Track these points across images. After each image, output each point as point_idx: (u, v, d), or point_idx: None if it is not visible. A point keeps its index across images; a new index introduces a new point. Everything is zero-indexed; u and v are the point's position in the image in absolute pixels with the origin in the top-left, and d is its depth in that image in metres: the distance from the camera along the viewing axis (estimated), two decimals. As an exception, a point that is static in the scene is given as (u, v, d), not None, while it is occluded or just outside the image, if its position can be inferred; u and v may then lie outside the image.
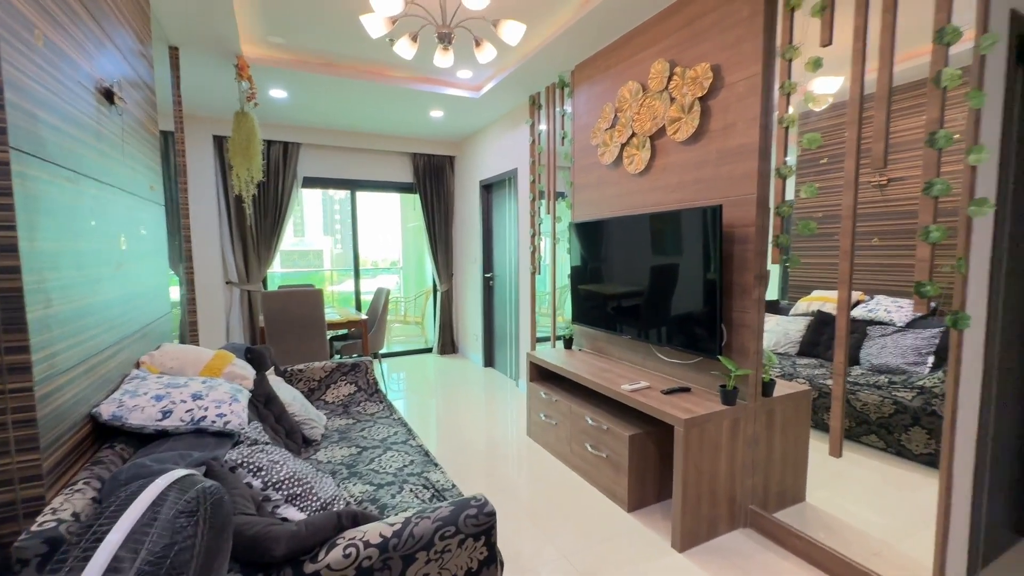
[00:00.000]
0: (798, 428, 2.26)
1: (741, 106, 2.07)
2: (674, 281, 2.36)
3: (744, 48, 2.05)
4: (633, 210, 2.73)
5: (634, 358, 2.79)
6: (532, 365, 3.21)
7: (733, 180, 2.13)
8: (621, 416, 2.51)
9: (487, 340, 5.12)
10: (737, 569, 1.91)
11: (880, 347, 3.22)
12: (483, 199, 5.01)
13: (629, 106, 2.67)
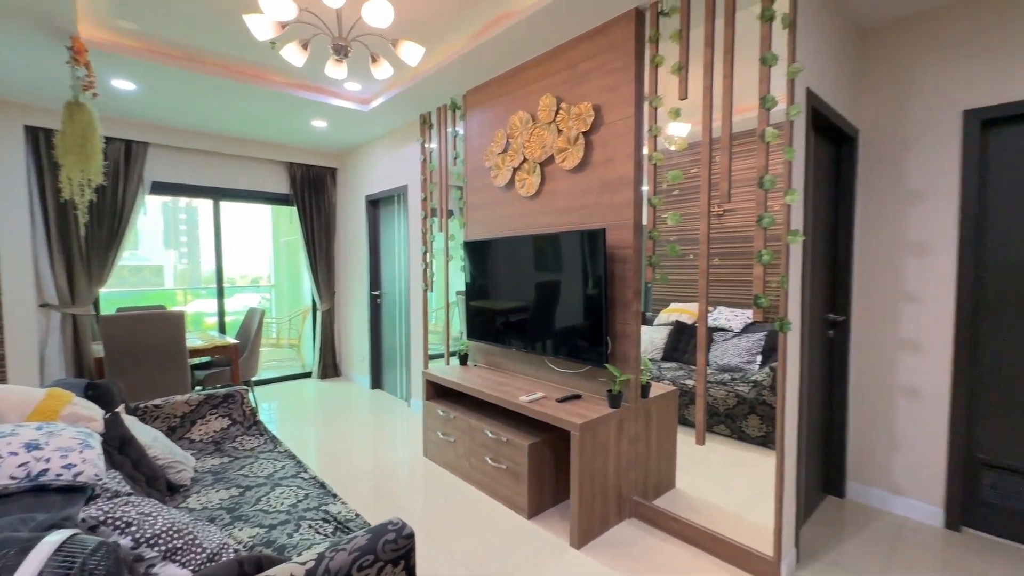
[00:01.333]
0: (669, 424, 2.59)
1: (619, 142, 2.36)
2: (564, 297, 2.56)
3: (620, 93, 2.35)
4: (526, 230, 2.91)
5: (528, 370, 2.94)
6: (428, 383, 3.18)
7: (614, 207, 2.40)
8: (519, 427, 2.62)
9: (375, 361, 4.92)
10: (627, 556, 2.11)
11: (723, 350, 3.84)
12: (370, 215, 4.85)
13: (520, 133, 2.86)
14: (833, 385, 2.61)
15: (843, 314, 2.55)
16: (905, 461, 2.44)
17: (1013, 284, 2.18)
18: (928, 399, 2.36)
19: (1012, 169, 2.16)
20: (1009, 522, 2.21)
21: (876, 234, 2.50)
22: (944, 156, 2.29)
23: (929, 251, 2.34)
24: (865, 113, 2.52)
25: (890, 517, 2.44)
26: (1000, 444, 2.22)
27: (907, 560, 2.09)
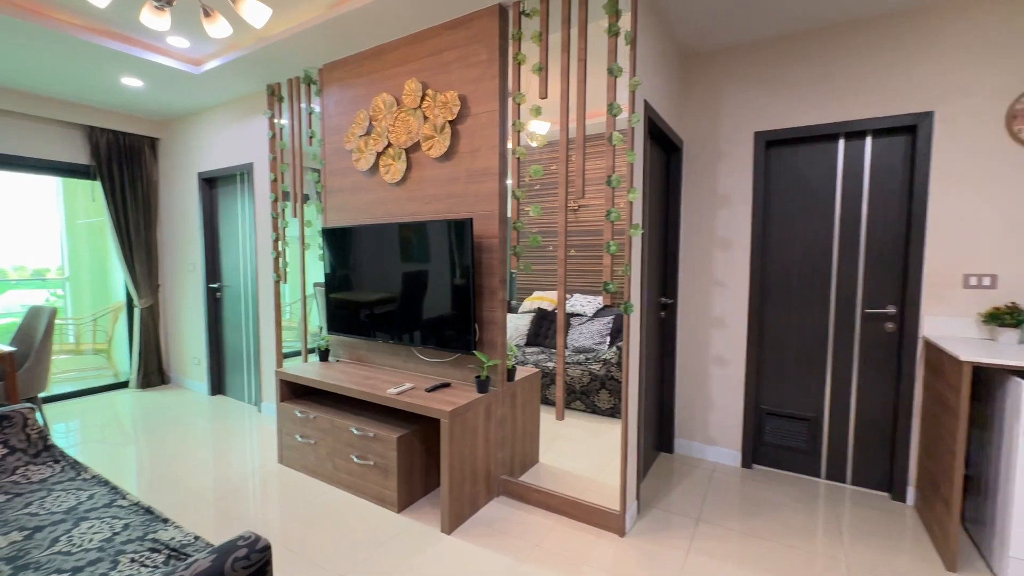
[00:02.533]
0: (532, 404, 2.77)
1: (484, 134, 2.42)
2: (432, 286, 2.55)
3: (485, 86, 2.40)
4: (392, 218, 2.81)
5: (396, 362, 2.87)
6: (283, 383, 2.90)
7: (480, 197, 2.46)
8: (387, 421, 2.55)
9: (215, 363, 4.31)
10: (497, 533, 2.21)
11: (579, 333, 4.22)
12: (205, 195, 4.21)
13: (384, 117, 2.74)
14: (664, 358, 3.05)
15: (672, 297, 2.99)
16: (716, 417, 2.98)
17: (783, 272, 2.79)
18: (731, 365, 2.91)
19: (784, 181, 2.76)
20: (783, 456, 2.85)
21: (696, 230, 2.98)
22: (743, 168, 2.82)
23: (732, 246, 2.88)
24: (687, 127, 2.97)
25: (706, 464, 2.96)
26: (776, 396, 2.85)
27: (717, 495, 2.57)
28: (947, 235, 2.35)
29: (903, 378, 2.46)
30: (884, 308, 2.55)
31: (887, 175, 2.52)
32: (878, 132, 2.52)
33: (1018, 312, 2.14)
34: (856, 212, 2.60)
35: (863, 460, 2.64)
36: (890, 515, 2.38)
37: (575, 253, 4.51)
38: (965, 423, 1.89)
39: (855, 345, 2.63)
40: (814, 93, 2.61)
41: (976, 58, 2.26)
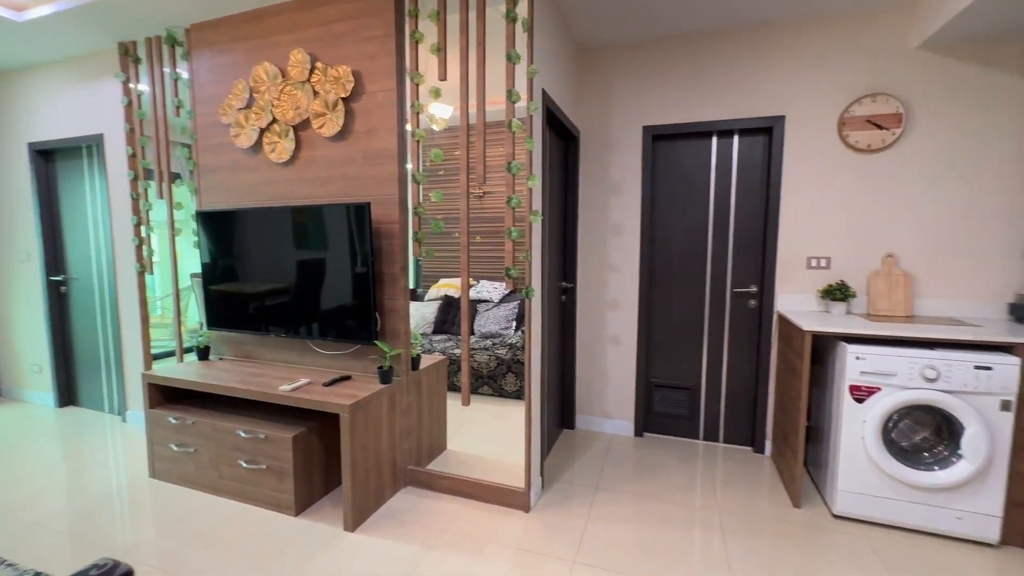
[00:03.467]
0: (439, 391, 2.75)
1: (382, 114, 2.31)
2: (328, 275, 2.40)
3: (381, 63, 2.28)
4: (280, 201, 2.58)
5: (290, 357, 2.67)
6: (152, 388, 2.56)
7: (379, 180, 2.35)
8: (280, 420, 2.37)
9: (62, 370, 3.67)
10: (405, 523, 2.18)
11: (486, 319, 4.27)
12: (40, 171, 3.52)
13: (268, 89, 2.50)
14: (566, 340, 3.20)
15: (571, 282, 3.14)
16: (612, 392, 3.21)
17: (667, 257, 3.06)
18: (625, 344, 3.14)
19: (667, 173, 3.01)
20: (669, 423, 3.16)
21: (591, 217, 3.14)
22: (633, 159, 3.02)
23: (624, 232, 3.08)
24: (583, 118, 3.10)
25: (604, 436, 3.18)
26: (663, 370, 3.14)
27: (614, 464, 2.77)
28: (795, 224, 2.74)
29: (762, 347, 2.84)
30: (748, 287, 2.92)
31: (751, 171, 2.86)
32: (743, 132, 2.84)
33: (846, 288, 2.57)
34: (727, 203, 2.92)
35: (732, 421, 3.01)
36: (752, 466, 2.76)
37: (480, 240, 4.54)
38: (807, 382, 2.24)
39: (726, 321, 2.98)
40: (693, 93, 2.86)
41: (816, 70, 2.64)
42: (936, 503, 2.05)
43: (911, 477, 2.05)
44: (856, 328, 2.16)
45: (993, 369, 1.93)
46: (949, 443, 2.06)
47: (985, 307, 2.45)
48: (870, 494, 2.14)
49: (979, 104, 2.40)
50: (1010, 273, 2.42)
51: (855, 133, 2.58)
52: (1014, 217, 2.39)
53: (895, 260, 2.58)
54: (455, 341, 4.15)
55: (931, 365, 2.00)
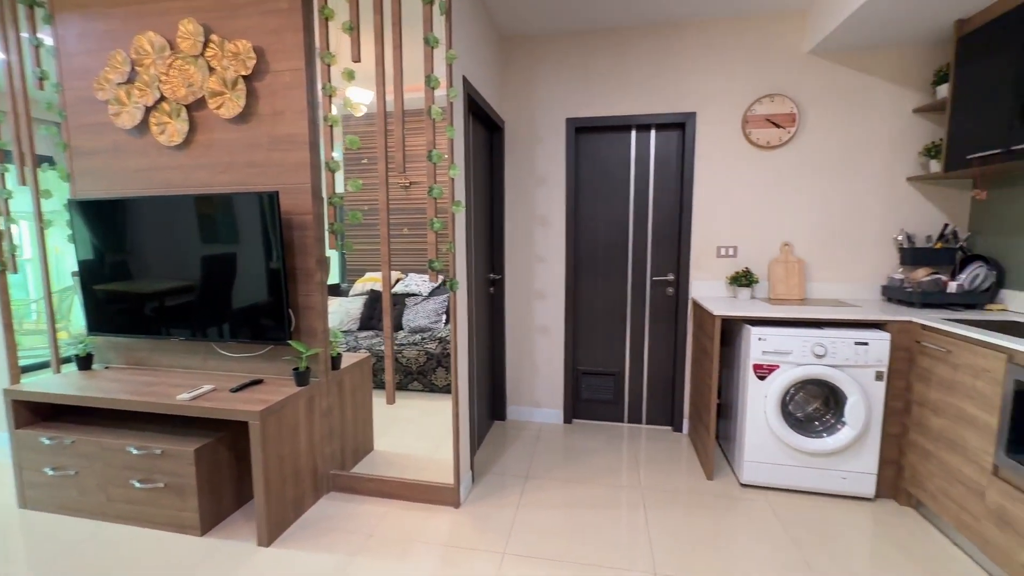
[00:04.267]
0: (363, 390, 2.63)
1: (289, 96, 2.13)
2: (234, 271, 2.20)
3: (287, 39, 2.10)
4: (174, 189, 2.32)
5: (192, 362, 2.42)
6: (19, 406, 2.21)
7: (288, 168, 2.18)
8: (180, 432, 2.15)
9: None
10: (327, 532, 2.07)
11: (415, 313, 4.15)
12: None
13: (153, 62, 2.22)
14: (495, 331, 3.19)
15: (499, 273, 3.13)
16: (542, 382, 3.25)
17: (591, 247, 3.14)
18: (552, 333, 3.19)
19: (590, 165, 3.08)
20: (596, 409, 3.26)
21: (519, 208, 3.14)
22: (557, 151, 3.05)
23: (550, 223, 3.11)
24: (508, 109, 3.08)
25: (534, 426, 3.22)
26: (589, 357, 3.23)
27: (543, 452, 2.82)
28: (706, 215, 2.91)
29: (679, 332, 3.01)
30: (666, 276, 3.07)
31: (667, 164, 2.99)
32: (660, 126, 2.96)
33: (750, 275, 2.78)
34: (646, 195, 3.04)
35: (654, 403, 3.17)
36: (672, 444, 2.92)
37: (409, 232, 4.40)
38: (717, 363, 2.40)
39: (646, 308, 3.11)
40: (614, 87, 2.93)
41: (723, 70, 2.80)
42: (825, 466, 2.29)
43: (805, 445, 2.27)
44: (759, 312, 2.34)
45: (869, 344, 2.17)
46: (835, 412, 2.30)
47: (863, 289, 2.76)
48: (772, 462, 2.34)
49: (859, 107, 2.68)
50: (883, 259, 2.74)
51: (756, 131, 2.78)
52: (887, 210, 2.71)
53: (791, 248, 2.83)
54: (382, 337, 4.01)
55: (820, 343, 2.21)
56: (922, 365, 2.11)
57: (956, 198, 2.62)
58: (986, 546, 1.74)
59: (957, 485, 1.89)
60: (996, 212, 2.43)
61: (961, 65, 2.26)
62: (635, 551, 1.94)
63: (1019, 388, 1.63)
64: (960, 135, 2.27)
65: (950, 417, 1.93)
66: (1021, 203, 2.29)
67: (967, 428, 1.84)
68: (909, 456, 2.18)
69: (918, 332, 2.14)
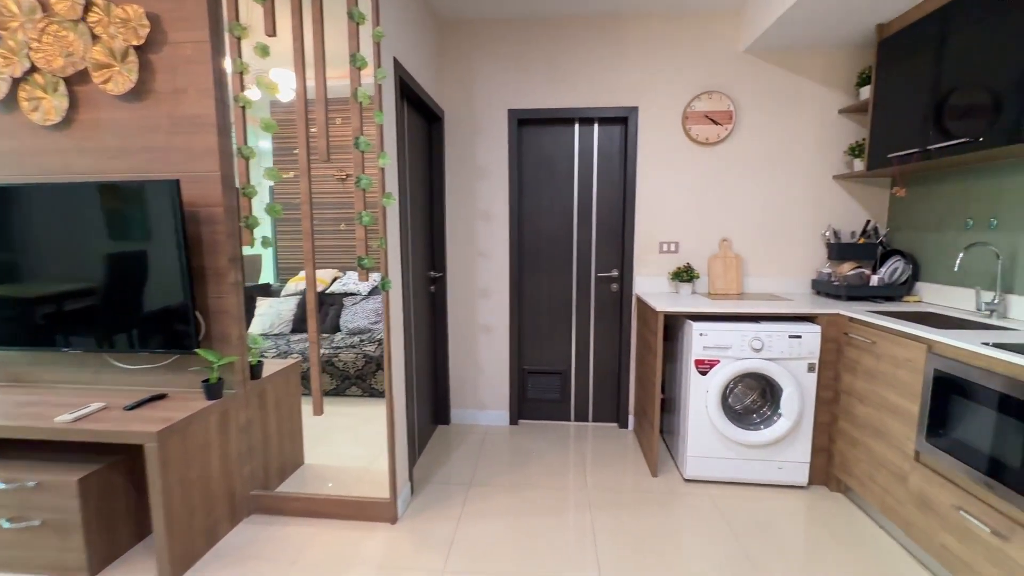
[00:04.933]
0: (291, 400, 2.41)
1: (192, 72, 1.88)
2: (130, 271, 1.91)
3: (187, 6, 1.84)
4: (52, 176, 1.99)
5: (82, 377, 2.10)
6: None
7: (193, 154, 1.92)
8: (63, 460, 1.85)
9: None
10: (246, 560, 1.85)
11: (353, 313, 3.91)
12: None
13: (21, 26, 1.88)
14: (437, 331, 3.04)
15: (441, 270, 2.98)
16: (486, 383, 3.14)
17: (535, 242, 3.06)
18: (498, 332, 3.09)
19: (533, 158, 2.99)
20: (542, 408, 3.20)
21: (459, 202, 3.00)
22: (499, 143, 2.93)
23: (493, 218, 3.00)
24: (448, 98, 2.93)
25: (480, 429, 3.10)
26: (535, 356, 3.15)
27: (489, 456, 2.71)
28: (649, 210, 2.91)
29: (624, 328, 3.00)
30: (611, 272, 3.04)
31: (610, 159, 2.96)
32: (603, 120, 2.92)
33: (691, 271, 2.80)
34: (589, 190, 2.99)
35: (600, 400, 3.15)
36: (618, 441, 2.90)
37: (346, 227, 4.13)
38: (661, 358, 2.39)
39: (591, 304, 3.08)
40: (557, 79, 2.85)
41: (662, 64, 2.79)
42: (763, 457, 2.33)
43: (744, 437, 2.30)
44: (701, 307, 2.35)
45: (802, 337, 2.23)
46: (772, 404, 2.35)
47: (795, 284, 2.86)
48: (714, 456, 2.36)
49: (790, 106, 2.76)
50: (812, 254, 2.85)
51: (696, 127, 2.80)
52: (816, 206, 2.81)
53: (729, 244, 2.88)
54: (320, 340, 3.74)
55: (757, 337, 2.24)
56: (849, 356, 2.19)
57: (877, 196, 2.76)
58: (909, 528, 1.81)
59: (882, 471, 1.97)
60: (911, 209, 2.58)
61: (882, 68, 2.36)
62: (581, 557, 1.88)
63: (938, 376, 1.70)
64: (881, 135, 2.37)
65: (875, 405, 2.01)
66: (933, 201, 2.43)
67: (890, 416, 1.92)
68: (838, 443, 2.26)
69: (845, 324, 2.22)
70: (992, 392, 1.50)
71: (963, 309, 2.23)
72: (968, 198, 2.23)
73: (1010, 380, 1.45)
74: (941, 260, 2.39)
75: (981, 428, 1.53)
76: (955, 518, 1.62)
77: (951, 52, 1.98)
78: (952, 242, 2.32)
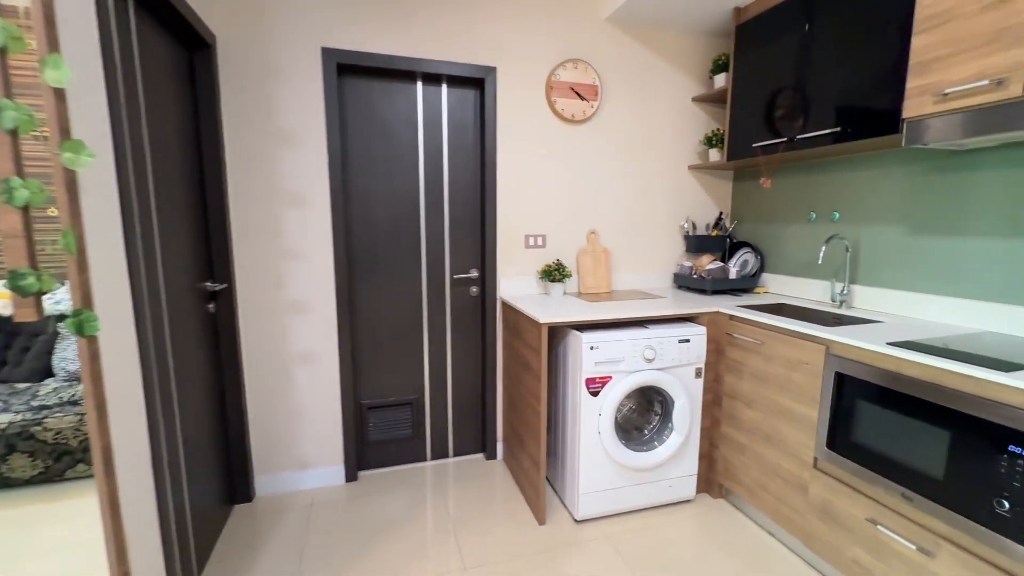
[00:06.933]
0: None
1: None
2: None
3: None
4: None
5: None
6: None
7: None
8: None
9: None
10: None
11: (75, 349, 2.52)
12: None
13: None
14: (221, 370, 2.05)
15: (224, 280, 1.99)
16: (309, 432, 2.26)
17: (371, 236, 2.30)
18: (321, 361, 2.24)
19: (364, 123, 2.21)
20: (390, 451, 2.47)
21: (251, 179, 2.05)
22: (312, 95, 2.07)
23: (308, 203, 2.13)
24: (221, 15, 1.93)
25: (302, 497, 2.22)
26: (377, 386, 2.40)
27: (320, 536, 1.89)
28: (512, 197, 2.41)
29: (488, 340, 2.46)
30: (469, 272, 2.47)
31: (463, 131, 2.36)
32: (453, 80, 2.30)
33: (562, 268, 2.41)
34: (439, 168, 2.35)
35: (462, 429, 2.57)
36: (488, 479, 2.37)
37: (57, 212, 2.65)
38: (546, 382, 1.92)
39: (447, 314, 2.46)
40: (393, 15, 2.12)
41: (523, 20, 2.30)
42: (656, 478, 2.07)
43: (640, 461, 1.99)
44: (589, 314, 1.94)
45: (691, 341, 2.00)
46: (663, 418, 2.09)
47: (659, 278, 2.72)
48: (608, 488, 2.00)
49: (650, 88, 2.56)
50: (673, 247, 2.74)
51: (562, 100, 2.39)
52: (675, 196, 2.69)
53: (597, 236, 2.58)
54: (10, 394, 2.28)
55: (650, 346, 1.94)
56: (732, 356, 2.05)
57: (723, 188, 2.77)
58: (811, 541, 1.70)
59: (776, 479, 1.84)
60: (754, 202, 2.63)
61: (740, 54, 2.28)
62: None
63: (840, 380, 1.58)
64: (740, 124, 2.30)
65: (765, 410, 1.88)
66: (778, 193, 2.48)
67: (785, 421, 1.79)
68: (722, 449, 2.13)
69: (726, 323, 2.07)
70: (904, 396, 1.39)
71: (812, 299, 2.29)
72: (811, 191, 2.29)
73: (922, 383, 1.34)
74: (785, 252, 2.45)
75: (893, 435, 1.42)
76: (868, 531, 1.51)
77: (812, 39, 1.92)
78: (796, 234, 2.39)
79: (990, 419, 1.20)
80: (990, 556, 1.22)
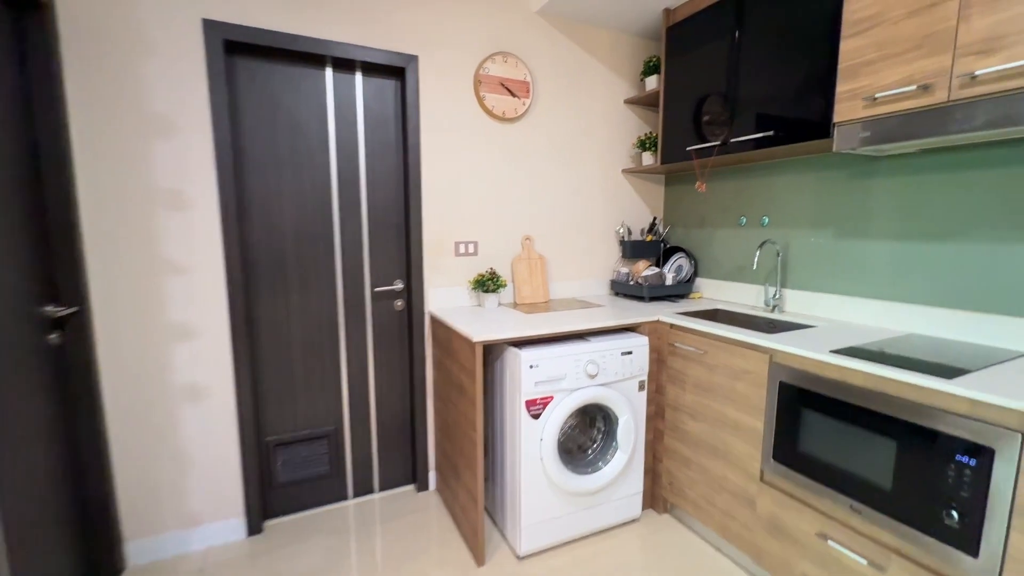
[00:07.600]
0: None
1: None
2: None
3: None
4: None
5: None
6: None
7: None
8: None
9: None
10: None
11: None
12: None
13: None
14: (77, 420, 1.63)
15: (74, 303, 1.58)
16: (199, 481, 1.88)
17: (275, 245, 1.98)
18: (214, 394, 1.87)
19: (264, 115, 1.89)
20: (304, 493, 2.13)
21: (114, 176, 1.66)
22: (191, 74, 1.72)
23: (189, 204, 1.76)
24: (65, -28, 1.54)
25: (190, 561, 1.83)
26: (286, 417, 2.07)
27: (206, 624, 1.54)
28: (441, 200, 2.19)
29: (416, 359, 2.21)
30: (393, 284, 2.21)
31: (383, 127, 2.10)
32: (369, 68, 2.04)
33: (496, 278, 2.22)
34: (354, 167, 2.08)
35: (388, 459, 2.29)
36: (418, 513, 2.12)
37: None
38: (481, 407, 1.71)
39: (368, 331, 2.18)
40: (288, -12, 1.82)
41: (448, 6, 2.10)
42: (601, 501, 1.93)
43: (585, 485, 1.85)
44: (527, 328, 1.77)
45: (634, 353, 1.90)
46: (606, 436, 1.97)
47: (597, 285, 2.62)
48: (552, 517, 1.84)
49: (585, 88, 2.46)
50: (610, 253, 2.65)
51: (491, 96, 2.21)
52: (611, 200, 2.61)
53: (532, 242, 2.43)
54: None
55: (592, 360, 1.80)
56: (674, 366, 1.97)
57: (657, 192, 2.74)
58: (761, 556, 1.64)
59: (723, 493, 1.78)
60: (686, 205, 2.61)
61: (671, 56, 2.23)
62: None
63: (784, 389, 1.53)
64: (673, 128, 2.25)
65: (710, 422, 1.81)
66: (709, 198, 2.48)
67: (731, 433, 1.73)
68: (666, 463, 2.04)
69: (667, 332, 1.99)
70: (849, 406, 1.36)
71: (746, 304, 2.29)
72: (742, 196, 2.30)
73: (867, 392, 1.31)
74: (718, 256, 2.45)
75: (840, 445, 1.38)
76: (818, 546, 1.46)
77: (743, 43, 1.90)
78: (728, 238, 2.39)
79: (936, 428, 1.18)
80: (941, 568, 1.19)
